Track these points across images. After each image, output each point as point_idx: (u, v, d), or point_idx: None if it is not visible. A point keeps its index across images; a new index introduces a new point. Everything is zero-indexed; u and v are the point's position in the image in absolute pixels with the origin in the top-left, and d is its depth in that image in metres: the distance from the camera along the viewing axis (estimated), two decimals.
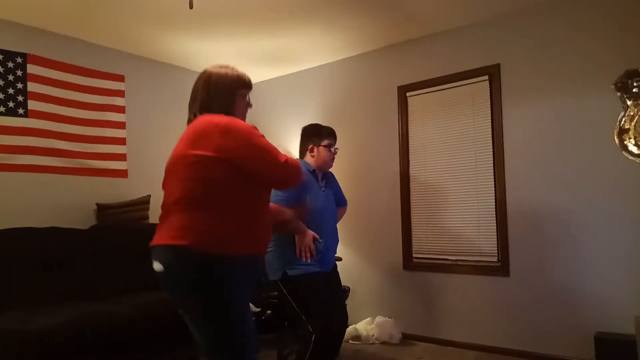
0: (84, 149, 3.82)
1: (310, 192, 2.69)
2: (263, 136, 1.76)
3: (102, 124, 3.97)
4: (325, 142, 2.79)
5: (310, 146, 2.79)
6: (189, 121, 1.83)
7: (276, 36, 3.94)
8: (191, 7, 2.50)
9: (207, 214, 1.64)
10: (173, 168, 1.74)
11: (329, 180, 2.96)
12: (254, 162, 1.71)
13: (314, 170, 2.78)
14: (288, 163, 1.77)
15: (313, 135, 2.81)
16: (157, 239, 1.69)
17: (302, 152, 2.85)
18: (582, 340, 3.14)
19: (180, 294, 1.68)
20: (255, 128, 1.76)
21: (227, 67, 1.89)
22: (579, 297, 3.24)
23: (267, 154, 1.73)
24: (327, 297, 2.65)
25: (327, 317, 2.60)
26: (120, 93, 4.11)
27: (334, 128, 2.96)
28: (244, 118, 1.89)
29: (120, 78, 4.13)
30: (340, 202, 3.06)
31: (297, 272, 2.60)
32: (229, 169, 1.66)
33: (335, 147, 2.87)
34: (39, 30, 3.65)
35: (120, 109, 4.10)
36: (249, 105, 1.92)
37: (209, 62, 4.90)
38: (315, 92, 4.70)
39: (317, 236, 2.60)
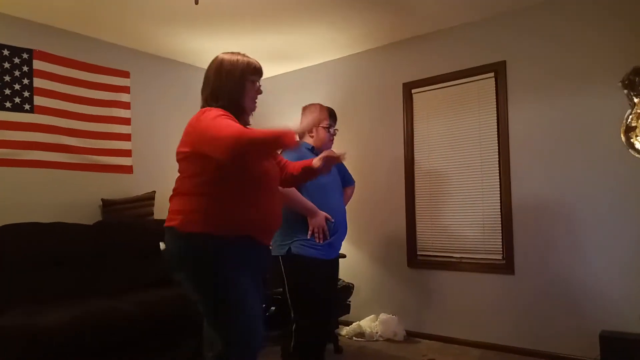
0: (90, 144, 3.84)
1: None
2: (219, 116, 1.72)
3: (108, 120, 3.98)
4: (325, 122, 2.75)
5: None
6: (202, 106, 1.93)
7: (282, 33, 3.94)
8: (197, 3, 2.50)
9: (194, 197, 1.78)
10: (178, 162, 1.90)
11: None
12: (203, 146, 1.71)
13: (312, 147, 2.72)
14: (227, 135, 1.62)
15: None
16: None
17: (302, 133, 2.82)
18: (587, 339, 3.12)
19: (176, 270, 1.82)
20: (221, 110, 1.77)
21: (238, 53, 1.96)
22: (584, 296, 3.23)
23: (207, 132, 1.68)
24: (321, 294, 2.60)
25: (314, 314, 2.56)
26: (125, 89, 4.11)
27: (338, 124, 2.94)
28: (253, 104, 1.97)
29: (125, 74, 4.14)
30: (346, 181, 2.99)
31: (301, 252, 2.54)
32: (206, 159, 1.73)
33: (335, 128, 2.82)
34: (45, 26, 3.66)
35: (126, 105, 4.11)
36: (258, 91, 1.97)
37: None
38: (320, 89, 4.69)
39: (329, 216, 2.55)
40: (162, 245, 1.86)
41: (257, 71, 1.95)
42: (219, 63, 1.92)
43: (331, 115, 2.81)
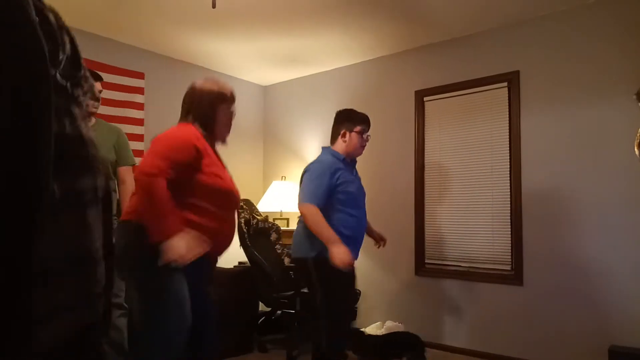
0: None
1: (346, 178, 2.65)
2: (176, 149, 1.88)
3: (122, 121, 4.01)
4: (358, 128, 2.74)
5: (343, 131, 2.73)
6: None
7: (295, 37, 3.97)
8: (214, 6, 2.52)
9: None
10: None
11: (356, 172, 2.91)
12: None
13: (344, 158, 2.72)
14: (141, 175, 1.82)
15: (346, 120, 2.76)
16: None
17: (334, 137, 2.79)
18: (596, 353, 3.09)
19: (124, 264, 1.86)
20: (185, 138, 1.93)
21: (212, 80, 2.12)
22: (593, 309, 3.20)
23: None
24: (351, 299, 2.65)
25: (348, 322, 2.60)
26: (140, 90, 4.16)
27: None
28: (226, 130, 2.11)
29: (140, 75, 4.18)
30: None
31: None
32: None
33: (368, 134, 2.82)
34: None
35: (140, 106, 4.16)
36: (232, 116, 2.11)
37: (228, 61, 4.90)
38: (332, 95, 4.71)
39: (352, 259, 2.51)
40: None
41: (228, 99, 2.08)
42: (192, 90, 2.08)
43: (364, 120, 2.80)
